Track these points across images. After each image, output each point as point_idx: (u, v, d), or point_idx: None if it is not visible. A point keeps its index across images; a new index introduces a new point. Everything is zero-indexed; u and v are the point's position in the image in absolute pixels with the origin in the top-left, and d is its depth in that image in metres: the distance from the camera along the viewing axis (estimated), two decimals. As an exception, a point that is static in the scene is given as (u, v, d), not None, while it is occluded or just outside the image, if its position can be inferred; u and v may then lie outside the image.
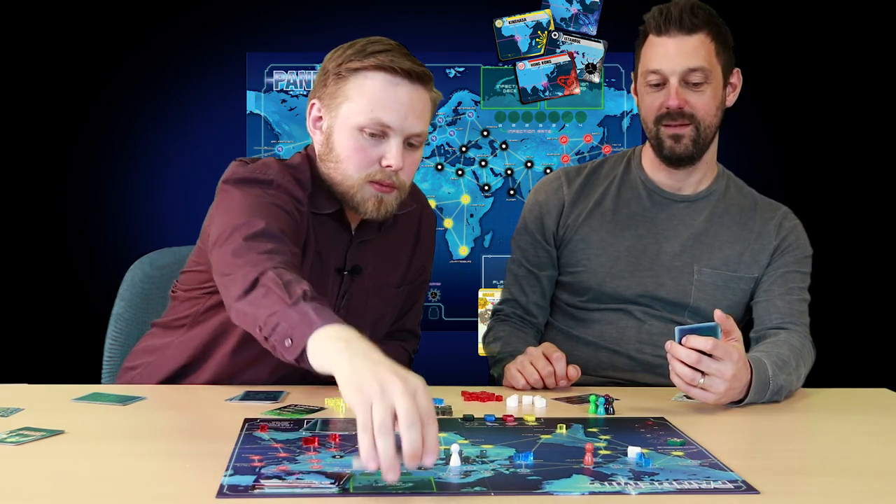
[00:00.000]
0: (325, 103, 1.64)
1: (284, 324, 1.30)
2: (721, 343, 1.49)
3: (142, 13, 3.42)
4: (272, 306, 1.33)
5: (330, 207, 1.67)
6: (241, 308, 1.40)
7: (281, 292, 1.34)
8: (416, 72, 1.59)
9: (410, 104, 1.59)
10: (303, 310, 1.29)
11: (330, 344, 1.23)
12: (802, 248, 1.94)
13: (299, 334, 1.27)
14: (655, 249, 1.93)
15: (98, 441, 1.32)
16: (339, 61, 1.61)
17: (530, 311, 1.99)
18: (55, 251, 3.45)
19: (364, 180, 1.61)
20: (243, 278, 1.41)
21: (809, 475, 1.21)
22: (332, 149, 1.63)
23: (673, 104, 1.82)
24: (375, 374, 1.11)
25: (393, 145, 1.59)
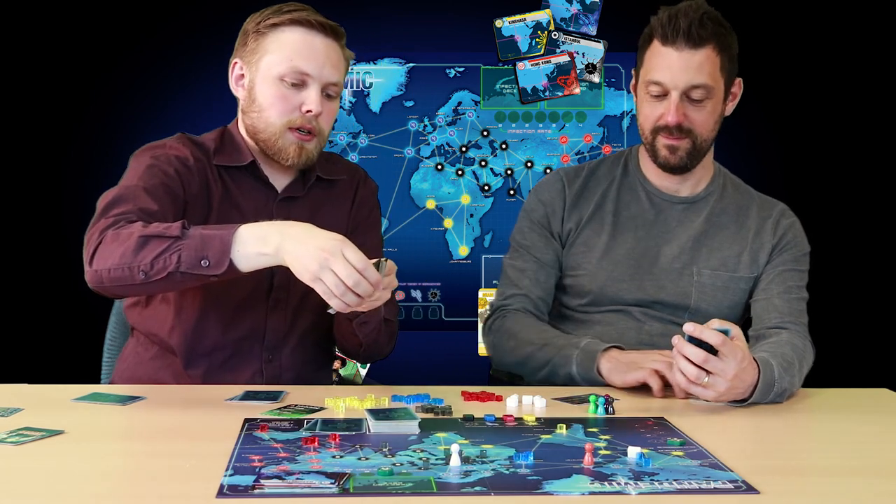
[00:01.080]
0: (246, 60, 1.75)
1: (188, 251, 1.47)
2: (729, 341, 1.49)
3: (142, 13, 3.41)
4: (154, 249, 1.48)
5: (241, 160, 1.77)
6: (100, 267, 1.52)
7: (156, 232, 1.50)
8: (329, 25, 1.72)
9: (326, 54, 1.72)
10: (197, 233, 1.49)
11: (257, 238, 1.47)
12: (800, 246, 1.94)
13: (215, 248, 1.47)
14: (655, 253, 1.92)
15: (98, 441, 1.32)
16: (258, 20, 1.74)
17: (539, 306, 1.94)
18: (55, 251, 3.45)
19: (285, 126, 1.72)
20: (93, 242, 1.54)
21: (809, 475, 1.21)
22: (255, 100, 1.74)
23: (672, 120, 1.81)
24: (310, 252, 1.44)
25: (312, 92, 1.71)
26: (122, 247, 1.50)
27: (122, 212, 1.58)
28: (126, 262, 1.49)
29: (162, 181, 1.67)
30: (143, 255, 1.49)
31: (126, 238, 1.51)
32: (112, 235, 1.53)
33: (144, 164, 1.70)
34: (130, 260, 1.49)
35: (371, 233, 1.90)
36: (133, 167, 1.72)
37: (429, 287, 3.52)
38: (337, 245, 1.45)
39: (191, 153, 1.74)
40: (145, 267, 1.49)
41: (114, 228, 1.54)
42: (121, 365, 1.83)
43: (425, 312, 3.50)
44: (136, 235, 1.50)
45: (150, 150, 1.74)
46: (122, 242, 1.51)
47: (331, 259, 1.43)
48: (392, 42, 2.92)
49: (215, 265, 1.47)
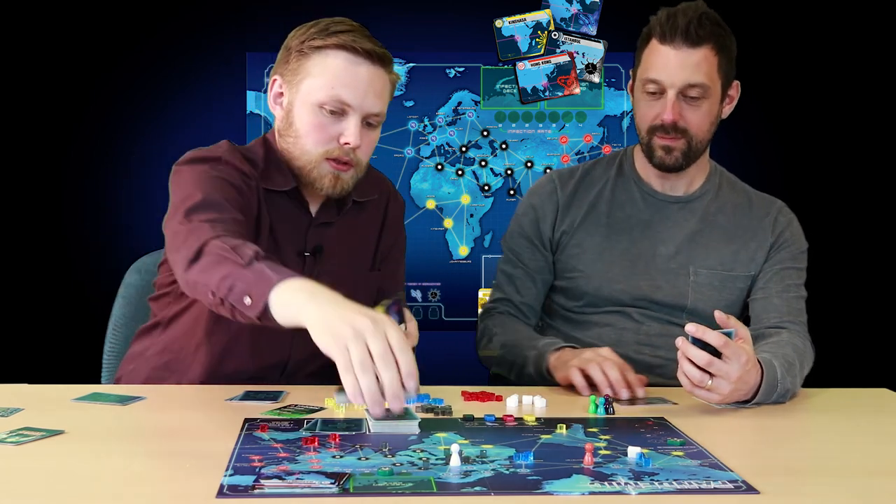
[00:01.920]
0: (287, 79, 1.67)
1: (241, 283, 1.34)
2: (732, 343, 1.49)
3: (142, 13, 3.42)
4: (223, 270, 1.37)
5: (285, 185, 1.69)
6: (189, 278, 1.44)
7: (232, 256, 1.38)
8: (376, 52, 1.63)
9: (370, 83, 1.63)
10: (258, 268, 1.35)
11: (294, 296, 1.29)
12: (798, 244, 1.94)
13: (258, 291, 1.32)
14: (651, 252, 1.92)
15: (98, 441, 1.32)
16: (302, 39, 1.65)
17: (524, 311, 1.98)
18: (55, 251, 3.45)
19: (322, 157, 1.64)
20: (188, 249, 1.45)
21: (809, 475, 1.21)
22: (292, 124, 1.66)
23: (668, 119, 1.81)
24: (345, 318, 1.21)
25: (352, 123, 1.63)
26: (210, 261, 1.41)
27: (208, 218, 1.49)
28: (203, 278, 1.41)
29: (236, 198, 1.59)
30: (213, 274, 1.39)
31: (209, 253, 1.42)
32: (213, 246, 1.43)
33: (212, 175, 1.61)
34: (206, 277, 1.40)
35: (399, 263, 1.89)
36: (195, 177, 1.61)
37: (429, 287, 3.52)
38: (381, 318, 1.23)
39: (248, 171, 1.66)
40: (213, 287, 1.39)
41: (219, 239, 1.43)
42: (128, 364, 1.81)
43: (425, 312, 3.50)
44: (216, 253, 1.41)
45: (212, 163, 1.64)
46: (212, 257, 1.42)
47: (368, 330, 1.20)
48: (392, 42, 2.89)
49: (254, 305, 1.33)
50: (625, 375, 1.61)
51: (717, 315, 1.52)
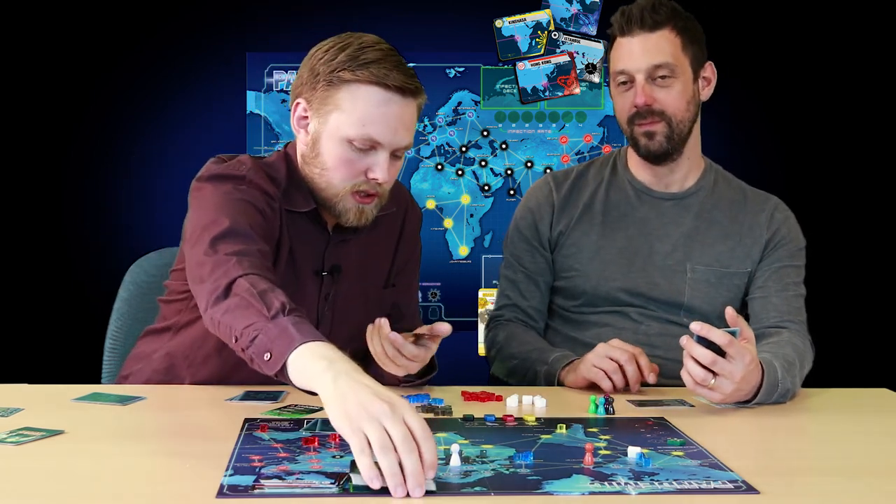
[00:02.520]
0: (314, 107, 1.62)
1: (263, 337, 1.29)
2: (736, 342, 1.49)
3: (142, 13, 3.41)
4: (249, 318, 1.33)
5: (305, 206, 1.67)
6: (214, 316, 1.39)
7: (258, 304, 1.33)
8: (407, 87, 1.59)
9: (401, 119, 1.59)
10: (282, 324, 1.29)
11: (313, 363, 1.23)
12: (795, 241, 1.94)
13: (279, 349, 1.27)
14: (647, 250, 1.93)
15: (98, 441, 1.32)
16: (332, 67, 1.58)
17: (531, 315, 1.98)
18: (55, 251, 3.45)
19: (348, 191, 1.62)
20: (214, 283, 1.41)
21: (809, 475, 1.21)
22: (319, 154, 1.62)
23: (640, 101, 1.83)
24: (361, 400, 1.13)
25: (381, 159, 1.59)
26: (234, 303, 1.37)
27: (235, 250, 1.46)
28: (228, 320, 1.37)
29: (260, 225, 1.56)
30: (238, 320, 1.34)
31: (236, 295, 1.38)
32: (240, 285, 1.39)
33: (237, 197, 1.57)
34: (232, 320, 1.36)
35: (413, 276, 1.88)
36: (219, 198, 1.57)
37: (429, 287, 3.52)
38: (399, 402, 1.14)
39: (273, 192, 1.62)
40: (237, 333, 1.35)
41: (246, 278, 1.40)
42: (135, 363, 1.80)
43: (425, 312, 3.50)
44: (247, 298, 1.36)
45: (236, 183, 1.61)
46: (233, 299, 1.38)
47: (386, 415, 1.12)
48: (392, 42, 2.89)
49: (273, 362, 1.28)
50: (638, 362, 1.65)
51: (727, 311, 1.53)
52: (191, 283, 1.51)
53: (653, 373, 1.66)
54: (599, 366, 1.65)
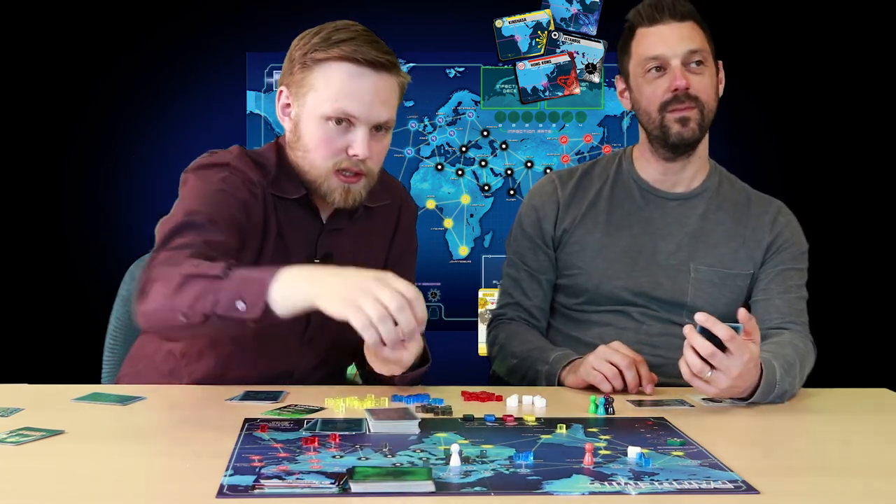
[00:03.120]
0: (293, 91, 1.66)
1: (225, 293, 1.37)
2: (739, 338, 1.49)
3: (142, 13, 3.42)
4: (194, 289, 1.39)
5: (296, 193, 1.69)
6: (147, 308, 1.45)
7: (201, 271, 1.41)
8: (379, 61, 1.61)
9: (375, 93, 1.61)
10: (237, 275, 1.39)
11: (295, 283, 1.36)
12: (798, 244, 1.94)
13: (252, 292, 1.36)
14: (651, 249, 1.93)
15: (98, 441, 1.32)
16: (305, 49, 1.63)
17: (533, 314, 1.98)
18: (55, 251, 3.45)
19: (331, 170, 1.64)
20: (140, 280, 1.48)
21: (809, 475, 1.21)
22: (300, 137, 1.66)
23: (682, 84, 1.83)
24: (351, 284, 1.32)
25: (359, 134, 1.61)
26: (166, 286, 1.42)
27: (183, 243, 1.51)
28: (168, 303, 1.41)
29: (231, 214, 1.60)
30: (183, 296, 1.40)
31: (172, 277, 1.43)
32: (162, 273, 1.45)
33: (214, 187, 1.62)
34: (172, 301, 1.41)
35: (409, 268, 1.88)
36: (198, 188, 1.63)
37: (429, 287, 3.52)
38: (384, 275, 1.34)
39: (257, 178, 1.66)
40: (185, 309, 1.40)
41: (167, 265, 1.46)
42: (136, 363, 1.80)
43: (425, 312, 3.50)
44: (180, 274, 1.42)
45: (217, 171, 1.65)
46: (168, 282, 1.43)
47: (376, 286, 1.31)
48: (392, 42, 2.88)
49: (251, 307, 1.36)
50: (638, 370, 1.65)
51: (740, 312, 1.53)
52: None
53: (650, 384, 1.66)
54: (599, 369, 1.65)
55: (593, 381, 1.66)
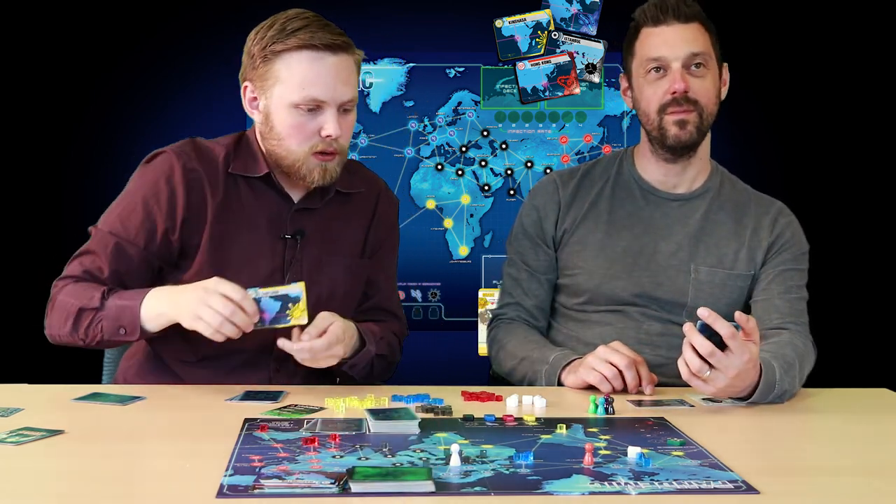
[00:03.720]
0: (258, 85, 1.74)
1: (107, 321, 1.62)
2: (739, 337, 1.49)
3: (142, 13, 3.41)
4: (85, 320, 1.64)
5: (256, 171, 1.76)
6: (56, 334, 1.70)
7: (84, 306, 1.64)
8: (336, 43, 1.69)
9: (336, 74, 1.69)
10: (112, 305, 1.62)
11: (157, 307, 1.61)
12: (799, 245, 1.94)
13: (127, 319, 1.61)
14: (651, 249, 1.92)
15: (98, 441, 1.32)
16: (263, 43, 1.71)
17: (534, 314, 1.98)
18: (55, 251, 3.43)
19: (308, 153, 1.71)
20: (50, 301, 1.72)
21: (809, 475, 1.21)
22: (273, 127, 1.73)
23: (680, 87, 1.83)
24: (190, 298, 1.56)
25: (329, 116, 1.69)
26: (62, 317, 1.66)
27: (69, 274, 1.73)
28: (67, 331, 1.66)
29: (143, 220, 1.73)
30: (77, 326, 1.65)
31: (65, 309, 1.66)
32: (58, 303, 1.68)
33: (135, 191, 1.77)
34: (70, 330, 1.66)
35: (390, 256, 1.93)
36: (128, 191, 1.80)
37: (429, 287, 3.52)
38: (213, 283, 1.57)
39: (197, 165, 1.75)
40: (82, 335, 1.65)
41: (62, 294, 1.68)
42: (125, 363, 1.83)
43: (425, 312, 3.50)
44: (70, 305, 1.65)
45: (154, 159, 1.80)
46: (62, 313, 1.66)
47: (207, 295, 1.54)
48: (392, 42, 2.92)
49: (130, 333, 1.62)
50: (638, 371, 1.66)
51: (737, 315, 1.52)
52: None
53: (650, 384, 1.66)
54: (599, 369, 1.65)
55: (593, 382, 1.66)
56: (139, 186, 1.76)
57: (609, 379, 1.64)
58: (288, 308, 1.60)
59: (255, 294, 1.60)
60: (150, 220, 1.72)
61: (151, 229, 1.72)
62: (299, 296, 1.60)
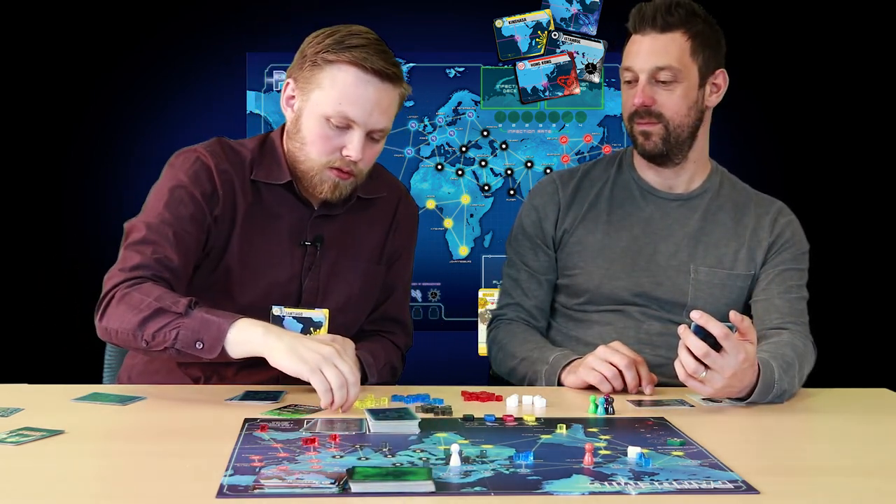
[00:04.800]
0: (300, 86, 1.72)
1: (185, 330, 1.52)
2: (733, 337, 1.49)
3: (142, 13, 3.41)
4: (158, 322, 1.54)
5: (279, 179, 1.75)
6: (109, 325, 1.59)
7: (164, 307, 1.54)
8: (385, 71, 1.67)
9: (377, 102, 1.68)
10: (197, 315, 1.53)
11: (250, 334, 1.51)
12: (799, 245, 1.94)
13: (211, 335, 1.51)
14: (651, 249, 1.93)
15: (98, 441, 1.32)
16: (318, 48, 1.69)
17: (534, 314, 1.98)
18: (56, 251, 3.45)
19: (325, 166, 1.70)
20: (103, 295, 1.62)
21: (809, 475, 1.21)
22: (300, 130, 1.72)
23: (637, 101, 1.85)
24: (310, 346, 1.47)
25: (355, 138, 1.68)
26: (131, 311, 1.56)
27: (139, 263, 1.63)
28: (132, 328, 1.55)
29: (190, 212, 1.68)
30: (147, 326, 1.54)
31: (136, 303, 1.56)
32: (124, 296, 1.58)
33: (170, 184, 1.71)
34: (135, 327, 1.55)
35: (407, 264, 1.93)
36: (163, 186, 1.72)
37: (429, 287, 3.52)
38: (342, 346, 1.53)
39: (228, 166, 1.73)
40: (147, 337, 1.55)
41: (127, 285, 1.60)
42: (131, 360, 1.82)
43: (425, 312, 3.50)
44: (146, 303, 1.55)
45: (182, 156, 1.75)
46: (133, 307, 1.56)
47: (335, 357, 1.46)
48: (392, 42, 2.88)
49: (208, 349, 1.52)
50: (638, 371, 1.66)
51: (732, 316, 1.52)
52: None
53: (650, 384, 1.66)
54: (598, 369, 1.66)
55: (593, 382, 1.66)
56: (180, 180, 1.71)
57: (609, 379, 1.64)
58: (309, 332, 1.64)
59: (279, 312, 1.63)
60: (200, 212, 1.70)
61: (202, 221, 1.70)
62: (321, 321, 1.64)
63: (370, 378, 1.72)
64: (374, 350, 1.77)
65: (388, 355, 1.81)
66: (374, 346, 1.79)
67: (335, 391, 1.43)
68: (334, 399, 1.44)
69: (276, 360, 1.48)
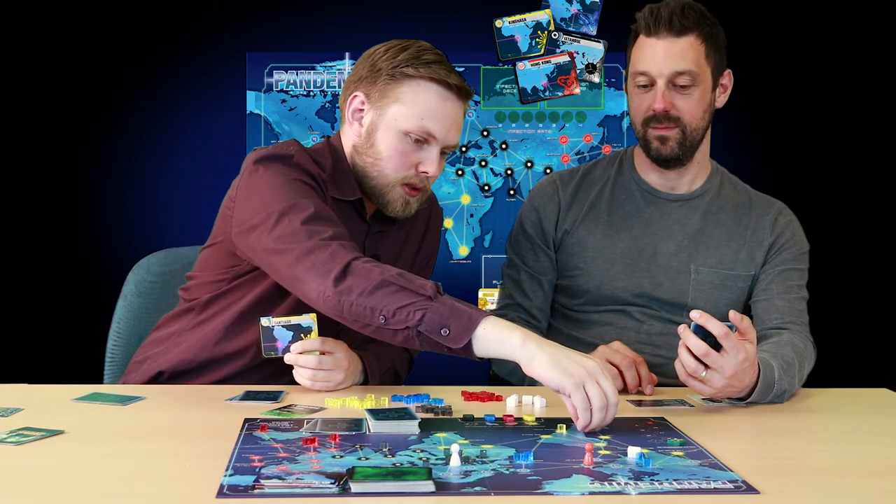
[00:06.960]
0: (373, 100, 1.70)
1: (433, 314, 1.42)
2: (733, 336, 1.49)
3: (142, 13, 3.42)
4: (401, 299, 1.44)
5: (351, 195, 1.73)
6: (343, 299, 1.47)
7: (408, 285, 1.45)
8: (465, 89, 1.71)
9: (455, 119, 1.70)
10: (447, 302, 1.44)
11: (507, 335, 1.40)
12: (799, 245, 1.94)
13: (459, 324, 1.41)
14: (651, 250, 1.93)
15: (98, 441, 1.32)
16: (394, 63, 1.67)
17: (534, 314, 1.97)
18: (56, 252, 3.45)
19: (398, 182, 1.70)
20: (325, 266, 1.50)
21: (809, 475, 1.21)
22: (374, 145, 1.70)
23: (659, 107, 1.83)
24: (575, 360, 1.35)
25: (433, 154, 1.69)
26: (371, 285, 1.47)
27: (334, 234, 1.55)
28: (371, 302, 1.46)
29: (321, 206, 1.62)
30: (389, 301, 1.45)
31: (377, 278, 1.47)
32: (363, 268, 1.49)
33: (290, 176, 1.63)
34: (376, 301, 1.46)
35: (431, 271, 1.94)
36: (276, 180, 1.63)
37: (429, 287, 3.52)
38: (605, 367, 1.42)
39: (317, 172, 1.68)
40: (387, 313, 1.45)
41: (361, 261, 1.51)
42: (152, 348, 1.79)
43: (425, 312, 3.50)
44: (390, 281, 1.47)
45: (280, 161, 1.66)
46: (372, 281, 1.47)
47: (599, 373, 1.35)
48: (392, 42, 2.90)
49: (454, 338, 1.41)
50: (638, 371, 1.66)
51: (731, 315, 1.52)
52: (271, 258, 1.58)
53: (650, 384, 1.66)
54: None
55: None
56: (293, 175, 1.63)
57: None
58: (300, 338, 1.62)
59: (268, 323, 1.61)
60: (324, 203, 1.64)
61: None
62: (311, 326, 1.61)
63: (370, 381, 1.71)
64: (381, 354, 1.75)
65: (395, 360, 1.80)
66: (383, 349, 1.77)
67: (595, 412, 1.33)
68: (592, 420, 1.33)
69: (538, 370, 1.36)
